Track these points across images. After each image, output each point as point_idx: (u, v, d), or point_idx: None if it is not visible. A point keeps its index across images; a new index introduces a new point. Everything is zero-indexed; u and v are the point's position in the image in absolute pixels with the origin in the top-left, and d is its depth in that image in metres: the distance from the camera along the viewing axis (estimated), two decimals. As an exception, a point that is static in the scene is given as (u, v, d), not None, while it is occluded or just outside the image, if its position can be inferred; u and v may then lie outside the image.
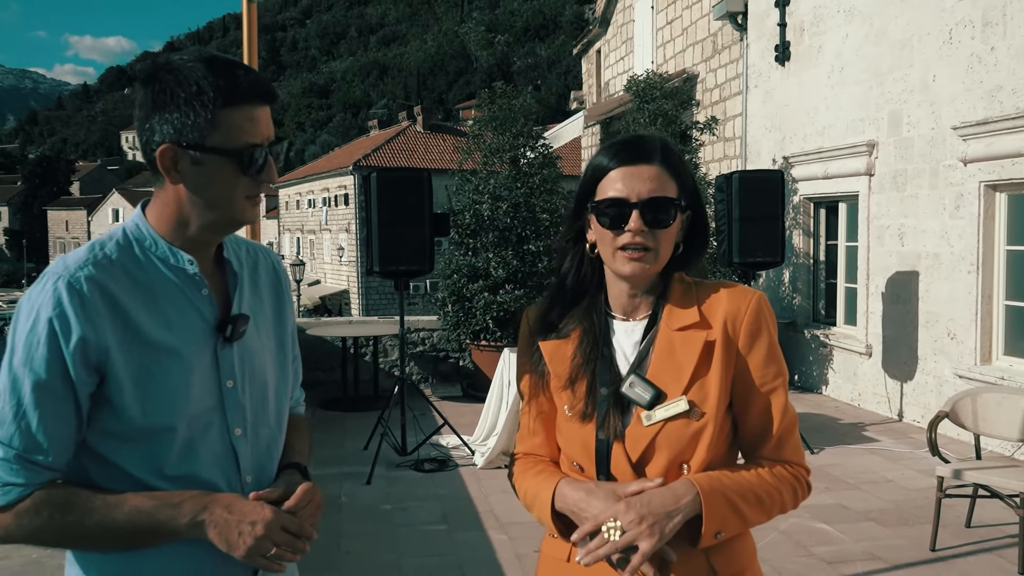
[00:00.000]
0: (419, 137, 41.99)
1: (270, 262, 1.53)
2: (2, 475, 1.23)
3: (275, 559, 1.28)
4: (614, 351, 1.49)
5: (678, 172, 1.46)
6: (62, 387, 1.24)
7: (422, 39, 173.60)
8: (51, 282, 1.25)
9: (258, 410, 1.42)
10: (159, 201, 1.34)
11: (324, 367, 8.83)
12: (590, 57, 18.25)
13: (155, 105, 1.28)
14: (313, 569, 4.17)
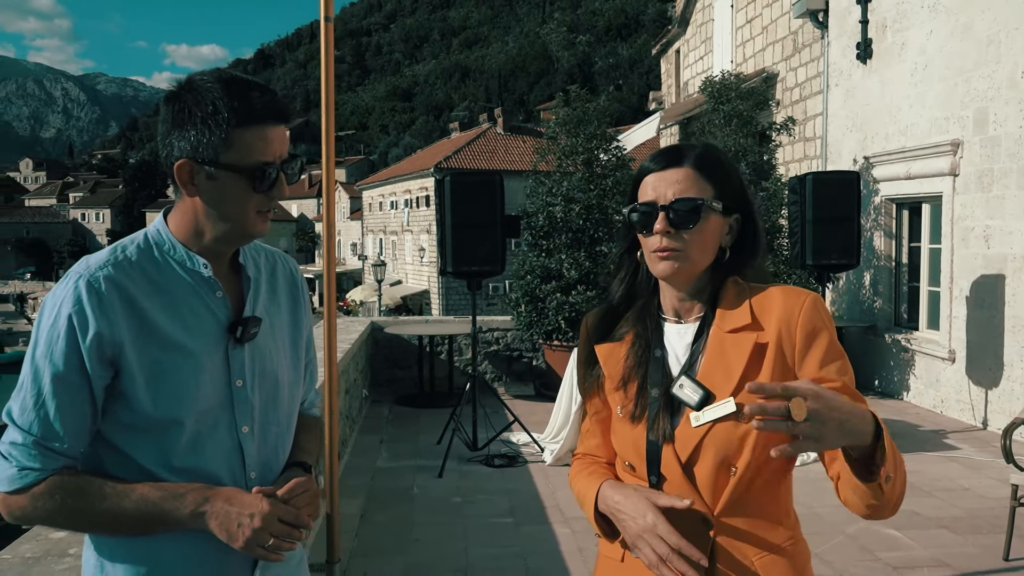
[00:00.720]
0: (499, 139, 42.36)
1: (288, 268, 1.59)
2: (21, 459, 1.30)
3: (273, 549, 1.33)
4: (666, 353, 1.49)
5: (715, 175, 1.46)
6: (79, 379, 1.30)
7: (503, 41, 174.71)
8: (73, 280, 1.33)
9: (267, 409, 1.47)
10: (179, 210, 1.42)
11: (401, 365, 9.10)
12: (669, 57, 18.14)
13: (175, 122, 1.35)
14: (384, 554, 4.38)
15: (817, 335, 1.39)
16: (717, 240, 1.47)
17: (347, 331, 7.89)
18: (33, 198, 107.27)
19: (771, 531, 1.41)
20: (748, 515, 1.40)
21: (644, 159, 1.58)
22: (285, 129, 1.40)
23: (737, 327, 1.43)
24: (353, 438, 6.94)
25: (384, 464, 6.22)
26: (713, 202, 1.44)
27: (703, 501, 1.40)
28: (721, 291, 1.48)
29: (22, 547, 2.37)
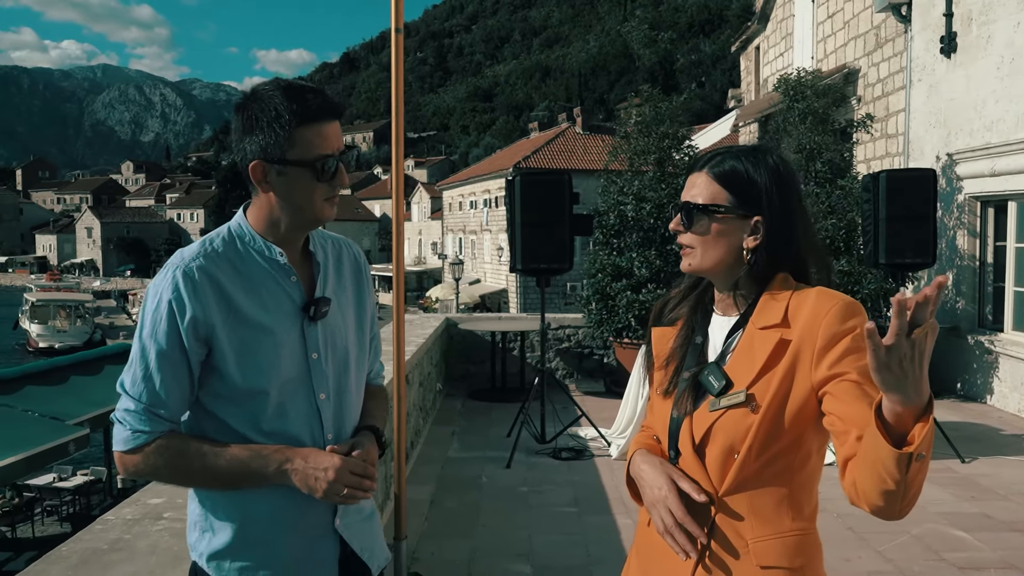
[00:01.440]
0: (578, 138, 42.38)
1: (352, 253, 1.77)
2: (133, 423, 1.51)
3: (347, 497, 1.53)
4: (707, 341, 1.59)
5: (729, 180, 1.53)
6: (179, 355, 1.51)
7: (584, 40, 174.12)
8: (171, 271, 1.52)
9: (340, 378, 1.65)
10: (256, 205, 1.60)
11: (475, 360, 9.33)
12: (748, 54, 17.90)
13: (245, 129, 1.54)
14: (452, 537, 4.59)
15: (840, 338, 1.40)
16: (731, 240, 1.53)
17: (422, 327, 8.16)
18: (133, 199, 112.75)
19: (775, 519, 1.46)
20: (752, 500, 1.46)
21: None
22: (338, 124, 1.59)
23: (768, 324, 1.49)
24: (427, 429, 7.20)
25: (455, 454, 6.45)
26: (715, 205, 1.52)
27: (709, 480, 1.48)
28: (766, 289, 1.53)
29: (124, 510, 2.65)
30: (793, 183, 1.58)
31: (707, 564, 1.48)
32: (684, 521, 1.45)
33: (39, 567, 2.19)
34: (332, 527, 1.62)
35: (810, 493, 1.53)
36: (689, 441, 1.51)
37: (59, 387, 11.96)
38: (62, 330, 44.01)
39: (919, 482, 1.25)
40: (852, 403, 1.36)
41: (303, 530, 1.59)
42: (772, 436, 1.45)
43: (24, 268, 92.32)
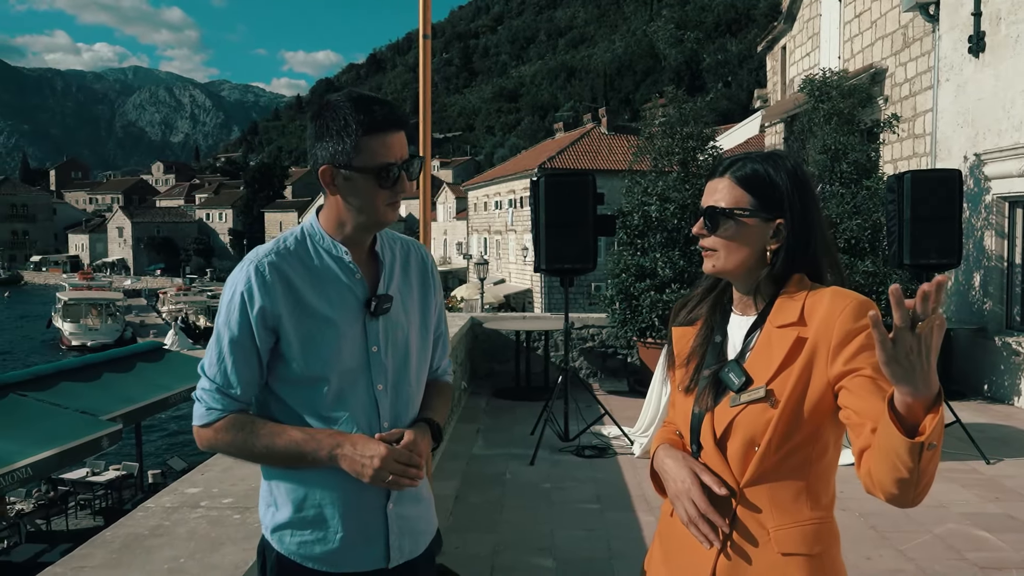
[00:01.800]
0: (603, 139, 42.37)
1: (420, 255, 1.87)
2: (208, 401, 1.67)
3: (392, 483, 1.63)
4: (726, 340, 1.65)
5: (751, 184, 1.59)
6: (249, 342, 1.65)
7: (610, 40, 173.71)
8: (246, 266, 1.68)
9: (399, 371, 1.75)
10: (327, 207, 1.74)
11: (499, 359, 9.43)
12: (775, 54, 17.83)
13: (317, 135, 1.67)
14: (475, 531, 4.68)
15: (854, 336, 1.46)
16: (754, 243, 1.59)
17: (448, 326, 8.26)
18: (163, 199, 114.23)
19: (794, 509, 1.52)
20: (772, 491, 1.52)
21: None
22: (404, 135, 1.69)
23: (785, 323, 1.55)
24: (452, 426, 7.30)
25: (479, 451, 6.54)
26: (740, 209, 1.59)
27: (730, 472, 1.54)
28: (783, 289, 1.59)
29: (163, 499, 2.77)
30: (810, 187, 1.63)
31: (728, 553, 1.54)
32: (707, 512, 1.52)
33: (85, 550, 2.31)
34: (384, 510, 1.72)
35: (827, 484, 1.58)
36: (711, 435, 1.57)
37: (93, 383, 12.17)
38: (94, 328, 44.80)
39: (931, 471, 1.30)
40: (867, 397, 1.41)
41: (356, 511, 1.70)
42: (791, 430, 1.51)
43: (57, 267, 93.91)
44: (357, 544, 1.70)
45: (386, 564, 1.73)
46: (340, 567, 1.69)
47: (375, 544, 1.72)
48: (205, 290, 66.98)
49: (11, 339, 49.64)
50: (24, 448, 9.09)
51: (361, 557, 1.71)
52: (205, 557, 2.25)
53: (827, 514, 1.56)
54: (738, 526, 1.54)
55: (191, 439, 2.95)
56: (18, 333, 51.85)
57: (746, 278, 1.63)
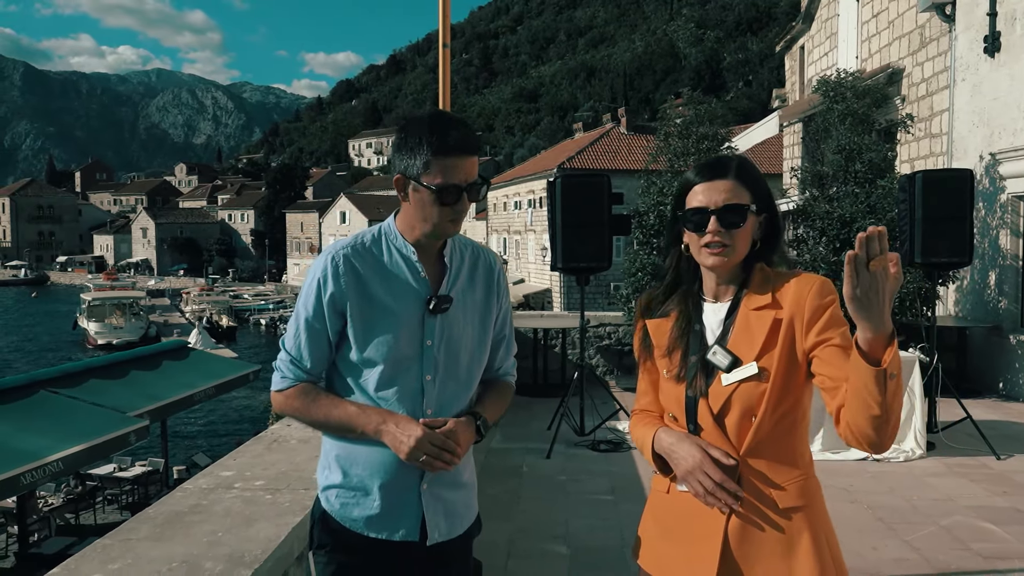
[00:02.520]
0: (622, 139, 42.38)
1: (489, 261, 2.03)
2: (283, 370, 1.89)
3: (425, 464, 1.79)
4: (704, 327, 1.81)
5: (751, 183, 1.78)
6: (320, 323, 1.86)
7: (630, 39, 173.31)
8: (325, 256, 1.88)
9: (449, 366, 1.90)
10: (402, 211, 1.92)
11: (517, 356, 9.57)
12: (793, 54, 17.86)
13: (398, 146, 1.86)
14: (492, 520, 4.83)
15: (823, 311, 1.68)
16: (751, 236, 1.78)
17: (466, 323, 8.45)
18: (186, 200, 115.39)
19: (786, 469, 1.73)
20: (766, 457, 1.72)
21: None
22: (475, 159, 1.85)
23: (760, 306, 1.74)
24: (470, 422, 7.47)
25: (497, 445, 6.71)
26: (752, 205, 1.77)
27: (731, 444, 1.72)
28: (750, 277, 1.79)
29: (199, 481, 2.96)
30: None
31: (740, 513, 1.72)
32: (723, 481, 1.69)
33: (131, 525, 2.50)
34: (418, 489, 1.88)
35: (806, 443, 1.80)
36: (708, 414, 1.74)
37: (120, 381, 12.39)
38: (118, 327, 45.44)
39: (897, 409, 1.52)
40: (837, 363, 1.62)
41: (393, 485, 1.87)
42: (781, 399, 1.71)
43: (83, 267, 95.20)
44: (391, 515, 1.87)
45: (418, 539, 1.87)
46: (372, 532, 1.87)
47: (408, 518, 1.87)
48: (227, 290, 67.69)
49: (39, 338, 50.48)
50: (55, 443, 9.29)
51: (393, 527, 1.87)
52: (240, 532, 2.44)
53: (810, 470, 1.78)
54: (746, 489, 1.72)
55: (216, 436, 3.12)
56: (46, 332, 52.70)
57: (733, 268, 1.80)
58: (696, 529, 1.78)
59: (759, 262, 1.80)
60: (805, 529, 1.72)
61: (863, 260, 1.44)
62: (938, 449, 6.37)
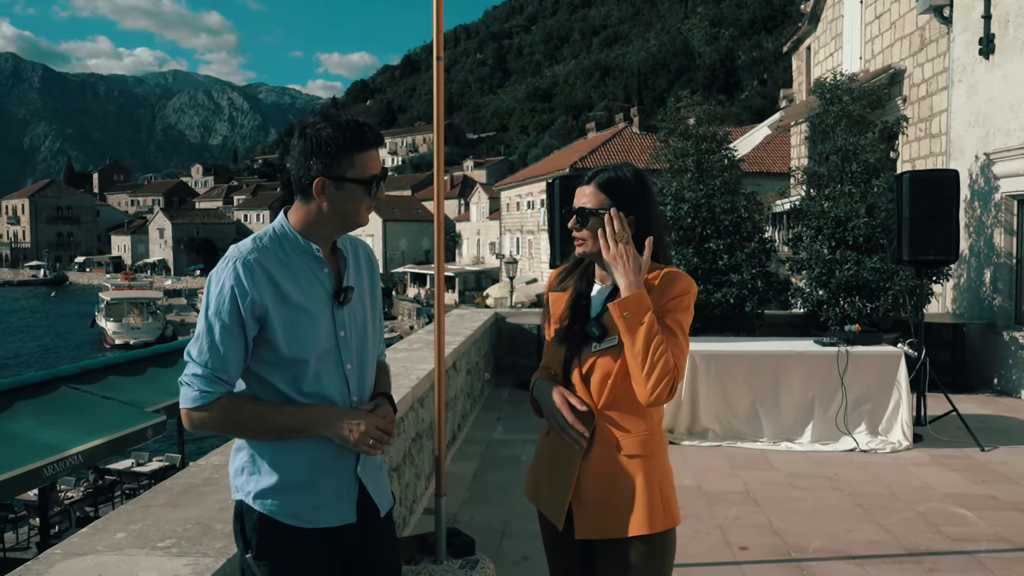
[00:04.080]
0: (635, 138, 42.58)
1: (366, 251, 2.15)
2: (202, 386, 1.84)
3: (372, 447, 1.92)
4: (589, 303, 2.18)
5: (612, 191, 2.11)
6: (238, 331, 1.85)
7: (644, 38, 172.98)
8: (231, 262, 1.86)
9: (361, 352, 2.04)
10: (300, 210, 1.95)
11: (522, 353, 9.84)
12: (800, 54, 18.01)
13: (312, 151, 1.89)
14: (490, 504, 5.11)
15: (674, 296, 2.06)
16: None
17: (472, 320, 8.71)
18: (203, 201, 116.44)
19: (633, 422, 2.10)
20: (619, 410, 2.10)
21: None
22: (381, 149, 2.09)
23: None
24: (474, 414, 7.74)
25: (499, 436, 6.97)
26: (601, 210, 2.09)
27: (591, 398, 2.10)
28: None
29: (212, 458, 3.24)
30: (650, 188, 2.20)
31: (591, 454, 2.10)
32: (573, 423, 2.07)
33: (150, 494, 2.78)
34: (355, 472, 2.00)
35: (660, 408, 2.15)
36: (578, 372, 2.14)
37: (138, 377, 12.68)
38: (135, 326, 46.06)
39: (657, 357, 1.98)
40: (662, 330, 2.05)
41: (333, 473, 1.96)
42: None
43: (101, 268, 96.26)
44: (332, 502, 1.96)
45: (355, 519, 1.99)
46: (315, 523, 1.94)
47: (346, 501, 1.99)
48: (243, 290, 68.05)
49: (59, 336, 51.23)
50: (75, 437, 9.57)
51: (334, 513, 1.97)
52: (248, 501, 2.71)
53: (657, 427, 2.15)
54: (597, 436, 2.10)
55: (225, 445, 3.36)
56: (65, 331, 53.46)
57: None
58: (560, 463, 2.16)
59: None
60: (643, 472, 2.09)
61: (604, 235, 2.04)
62: (925, 441, 6.58)
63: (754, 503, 5.14)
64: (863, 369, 6.47)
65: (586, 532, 2.12)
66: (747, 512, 4.96)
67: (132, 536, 2.38)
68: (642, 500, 2.08)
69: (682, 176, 8.99)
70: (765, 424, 6.57)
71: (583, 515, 2.12)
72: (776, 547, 4.41)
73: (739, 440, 6.52)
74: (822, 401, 6.52)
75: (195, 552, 2.26)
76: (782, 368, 6.55)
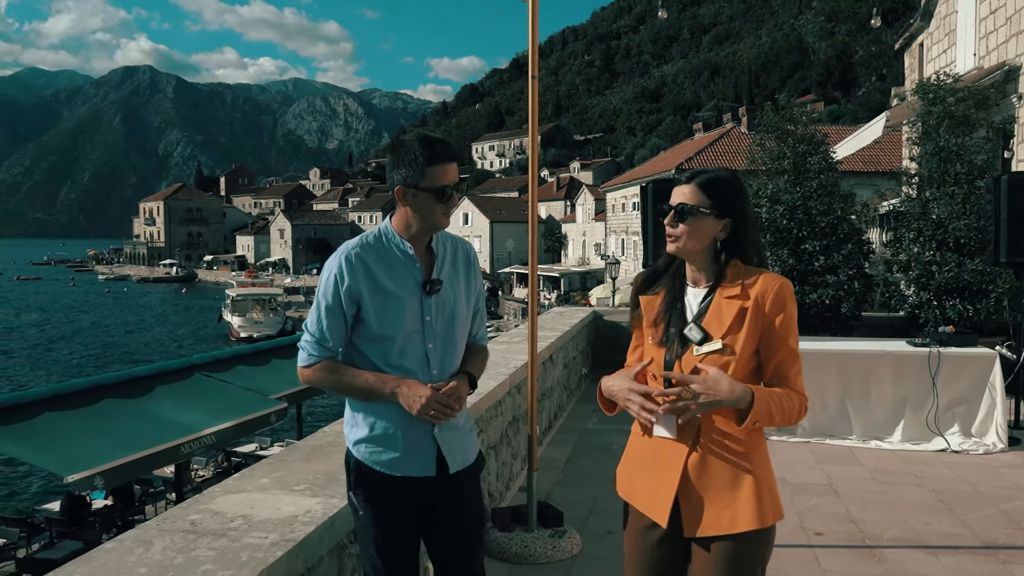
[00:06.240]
0: (743, 138, 41.85)
1: (465, 250, 2.48)
2: (309, 349, 2.30)
3: (433, 417, 2.23)
4: (685, 306, 2.23)
5: (709, 190, 2.19)
6: (338, 309, 2.28)
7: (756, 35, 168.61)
8: (339, 254, 2.29)
9: (446, 335, 2.36)
10: (396, 214, 2.36)
11: (621, 350, 10.05)
12: (913, 51, 17.53)
13: (394, 164, 2.29)
14: (580, 486, 5.51)
15: (781, 309, 2.13)
16: (707, 233, 2.19)
17: (570, 317, 9.12)
18: (320, 203, 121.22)
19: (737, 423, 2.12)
20: (723, 413, 2.13)
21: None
22: (456, 165, 2.33)
23: (731, 295, 2.17)
24: (571, 406, 8.14)
25: (593, 427, 7.35)
26: (700, 208, 2.17)
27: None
28: (725, 269, 2.21)
29: (335, 427, 3.77)
30: (747, 194, 2.27)
31: (696, 452, 2.17)
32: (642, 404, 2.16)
33: (284, 452, 3.33)
34: (432, 433, 2.34)
35: None
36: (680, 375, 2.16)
37: (262, 367, 13.63)
38: (258, 321, 48.69)
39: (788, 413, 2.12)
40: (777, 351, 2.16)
41: (412, 431, 2.31)
42: (741, 372, 2.15)
43: (226, 266, 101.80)
44: (411, 455, 2.32)
45: (435, 473, 2.33)
46: (396, 471, 2.32)
47: (426, 457, 2.33)
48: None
49: (190, 329, 54.79)
50: (208, 419, 10.47)
51: (414, 465, 2.32)
52: (365, 459, 3.21)
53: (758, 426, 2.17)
54: (702, 435, 2.16)
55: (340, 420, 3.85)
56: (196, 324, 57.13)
57: (699, 259, 2.23)
58: (662, 463, 2.20)
59: (733, 258, 2.20)
60: (749, 468, 2.14)
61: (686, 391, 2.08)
62: (1022, 445, 6.53)
63: (835, 494, 5.33)
64: (956, 370, 6.49)
65: (697, 529, 2.15)
66: (826, 502, 5.16)
67: (274, 481, 2.92)
68: (751, 495, 2.11)
69: (778, 178, 9.11)
70: (854, 422, 6.68)
71: (692, 512, 2.15)
72: (851, 534, 4.62)
73: (828, 437, 6.67)
74: (913, 401, 6.58)
75: (324, 494, 2.77)
76: (872, 367, 6.65)
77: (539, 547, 4.24)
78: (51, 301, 75.87)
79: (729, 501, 2.11)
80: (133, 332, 53.56)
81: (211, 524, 2.47)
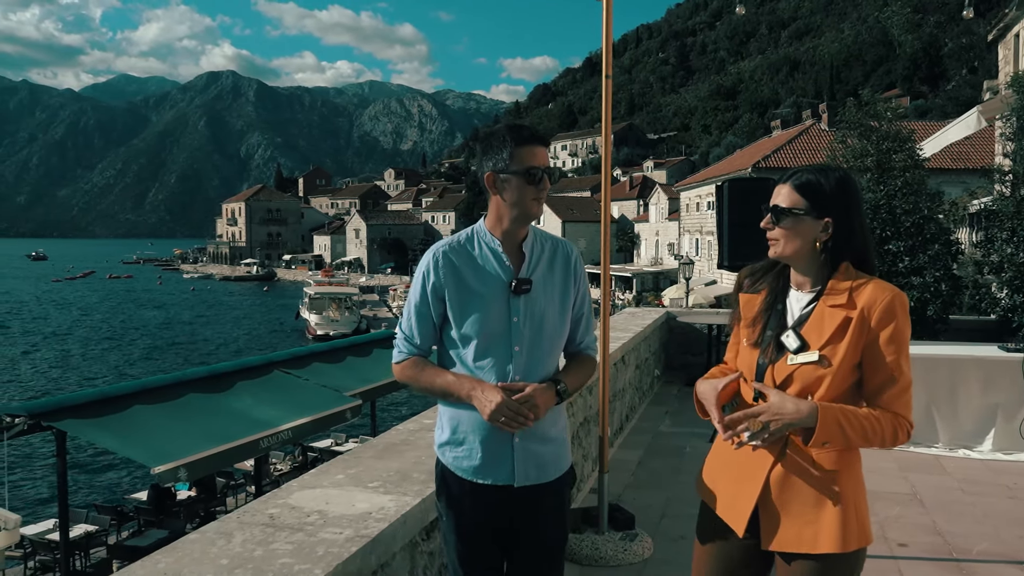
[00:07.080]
0: (823, 135, 40.70)
1: (567, 251, 2.38)
2: (399, 346, 2.31)
3: (504, 424, 2.14)
4: (787, 309, 2.10)
5: (806, 191, 2.05)
6: (425, 308, 2.27)
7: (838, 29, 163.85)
8: (429, 253, 2.28)
9: (534, 338, 2.25)
10: (489, 210, 2.30)
11: (693, 351, 10.01)
12: (1007, 43, 16.74)
13: (483, 153, 2.27)
14: (652, 488, 5.44)
15: (888, 323, 1.97)
16: (806, 235, 2.05)
17: (643, 318, 9.02)
18: (394, 203, 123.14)
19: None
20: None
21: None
22: (546, 149, 2.27)
23: (836, 303, 2.01)
24: (643, 408, 8.05)
25: (665, 429, 7.26)
26: (795, 210, 2.05)
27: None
28: (834, 273, 2.05)
29: (408, 425, 3.81)
30: (855, 193, 2.08)
31: (781, 464, 2.06)
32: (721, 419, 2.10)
33: (359, 449, 3.38)
34: (511, 443, 2.25)
35: None
36: (771, 382, 2.05)
37: (338, 364, 13.93)
38: (335, 319, 49.76)
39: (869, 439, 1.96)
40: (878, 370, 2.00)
41: (492, 438, 2.24)
42: (838, 386, 2.01)
43: (304, 265, 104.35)
44: (489, 464, 2.25)
45: (512, 482, 2.25)
46: (478, 478, 2.26)
47: (503, 466, 2.25)
48: (430, 288, 71.21)
49: (269, 326, 56.44)
50: (286, 414, 10.74)
51: (492, 474, 2.26)
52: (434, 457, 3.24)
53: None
54: (789, 447, 2.05)
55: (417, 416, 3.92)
56: (275, 321, 58.81)
57: (800, 262, 2.09)
58: (745, 471, 2.11)
59: (844, 262, 2.05)
60: (838, 487, 2.01)
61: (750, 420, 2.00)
62: None
63: (919, 504, 5.13)
64: (1053, 377, 6.17)
65: (776, 543, 2.06)
66: (911, 512, 4.98)
67: (349, 478, 2.97)
68: (835, 516, 2.00)
69: (861, 176, 8.82)
70: (941, 429, 6.43)
71: (771, 525, 2.07)
72: (937, 546, 4.44)
73: (912, 444, 6.42)
74: (1006, 409, 6.29)
75: (397, 492, 2.81)
76: (959, 373, 6.39)
77: (610, 549, 4.21)
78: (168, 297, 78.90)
79: (812, 518, 2.02)
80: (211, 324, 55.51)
81: (289, 518, 2.52)
